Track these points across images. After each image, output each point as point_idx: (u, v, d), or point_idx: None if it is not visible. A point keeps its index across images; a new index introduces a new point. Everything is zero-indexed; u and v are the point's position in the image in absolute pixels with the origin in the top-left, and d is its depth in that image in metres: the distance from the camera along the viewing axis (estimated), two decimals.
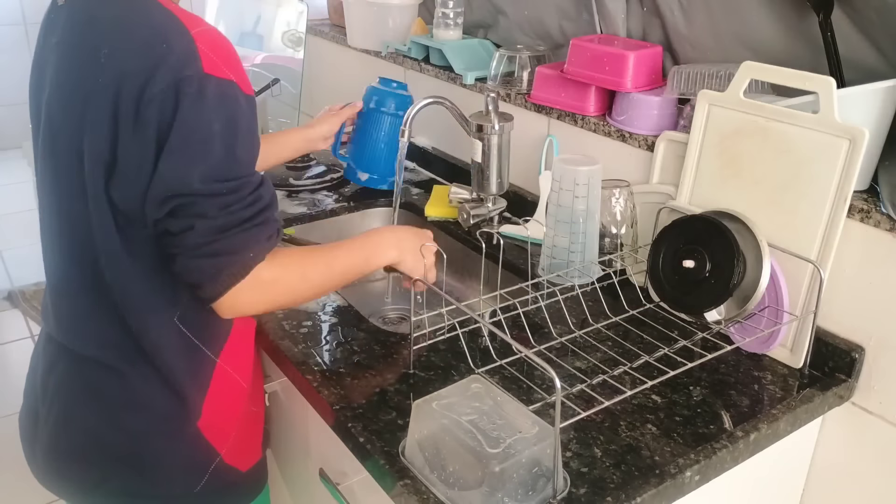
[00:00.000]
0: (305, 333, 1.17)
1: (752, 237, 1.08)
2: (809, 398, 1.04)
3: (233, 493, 1.13)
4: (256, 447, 1.16)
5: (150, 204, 0.87)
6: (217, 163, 0.87)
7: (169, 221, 0.88)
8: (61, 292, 1.02)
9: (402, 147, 1.34)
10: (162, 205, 0.86)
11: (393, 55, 1.89)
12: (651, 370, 1.03)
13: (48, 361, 1.05)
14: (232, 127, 0.87)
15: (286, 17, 2.46)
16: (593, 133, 1.40)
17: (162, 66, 0.84)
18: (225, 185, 0.87)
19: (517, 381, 1.05)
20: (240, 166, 0.89)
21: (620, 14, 1.40)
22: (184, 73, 0.84)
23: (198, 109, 0.85)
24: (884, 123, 1.05)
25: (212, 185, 0.86)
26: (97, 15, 0.92)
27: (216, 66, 0.86)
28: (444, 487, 0.84)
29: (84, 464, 1.03)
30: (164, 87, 0.84)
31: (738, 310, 1.11)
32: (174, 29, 0.87)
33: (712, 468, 0.93)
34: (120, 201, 0.90)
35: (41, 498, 1.95)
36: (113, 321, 0.97)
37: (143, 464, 1.02)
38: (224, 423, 1.07)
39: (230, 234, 0.88)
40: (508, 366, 1.06)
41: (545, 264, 1.30)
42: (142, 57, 0.86)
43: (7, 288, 3.10)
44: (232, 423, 1.08)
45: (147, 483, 1.03)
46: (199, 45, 0.86)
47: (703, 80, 1.21)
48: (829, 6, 1.06)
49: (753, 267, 1.08)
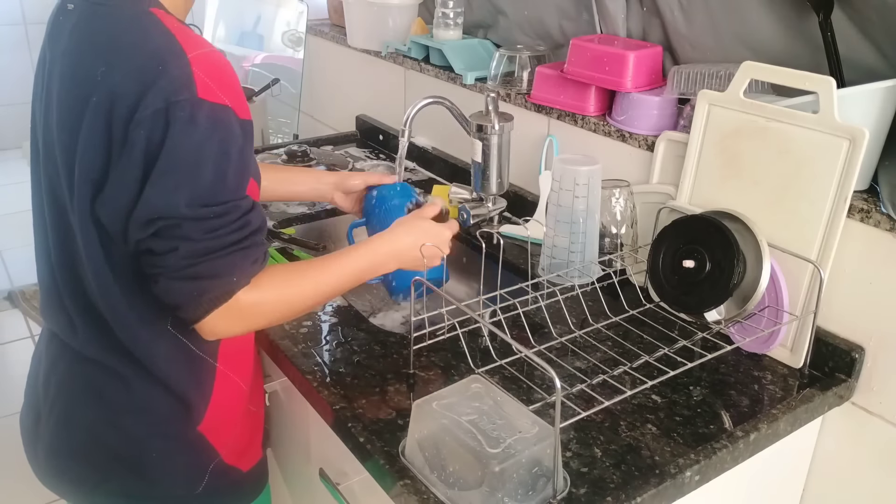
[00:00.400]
0: (305, 333, 1.17)
1: (752, 237, 1.08)
2: (809, 398, 1.04)
3: (234, 494, 1.13)
4: (257, 447, 1.16)
5: (133, 224, 0.86)
6: (205, 187, 0.85)
7: (153, 241, 0.87)
8: (55, 296, 1.02)
9: (402, 147, 1.34)
10: (146, 226, 0.86)
11: (393, 55, 1.89)
12: (651, 370, 1.03)
13: (50, 360, 1.05)
14: (223, 152, 0.86)
15: (286, 17, 2.46)
16: (593, 133, 1.40)
17: (153, 89, 0.84)
18: (212, 209, 0.86)
19: (517, 381, 1.05)
20: (229, 191, 0.87)
21: (620, 14, 1.40)
22: (176, 98, 0.84)
23: (188, 133, 0.84)
24: (884, 123, 1.05)
25: (198, 210, 0.85)
26: (99, 30, 0.91)
27: (211, 90, 0.85)
28: (444, 487, 0.84)
29: (85, 464, 1.03)
30: (155, 111, 0.84)
31: (738, 310, 1.11)
32: (171, 52, 0.86)
33: (712, 468, 0.93)
34: (105, 219, 0.90)
35: (42, 498, 1.95)
36: (105, 329, 0.97)
37: (144, 465, 1.02)
38: (225, 424, 1.07)
39: (214, 258, 0.87)
40: (508, 366, 1.06)
41: (545, 264, 1.30)
42: (135, 79, 0.86)
43: (7, 288, 3.09)
44: (233, 424, 1.08)
45: (148, 484, 1.03)
46: (194, 70, 0.85)
47: (703, 80, 1.21)
48: (829, 6, 1.06)
49: (753, 267, 1.08)
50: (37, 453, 1.08)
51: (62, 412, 1.03)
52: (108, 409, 1.00)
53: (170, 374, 0.98)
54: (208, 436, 1.04)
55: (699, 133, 1.18)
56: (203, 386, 1.02)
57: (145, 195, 0.85)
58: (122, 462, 1.02)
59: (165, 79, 0.85)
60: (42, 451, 1.06)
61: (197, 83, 0.85)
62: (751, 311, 1.10)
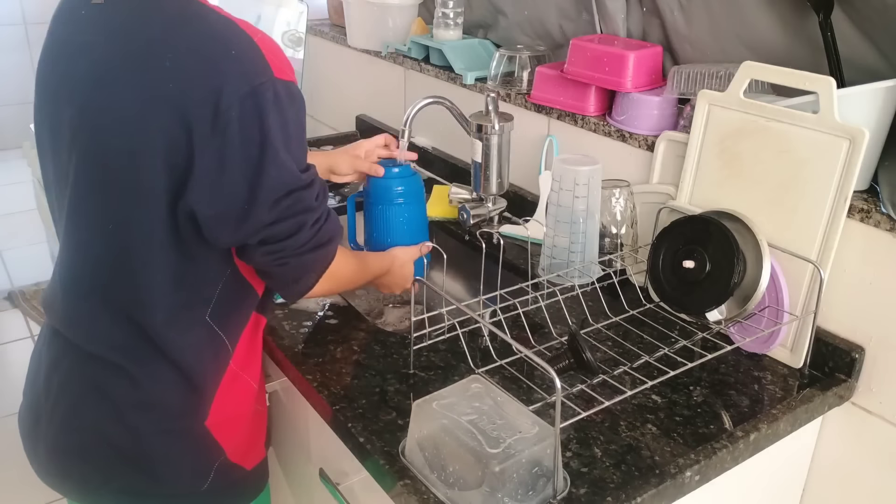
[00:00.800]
0: (305, 333, 1.17)
1: (752, 237, 1.08)
2: (809, 398, 1.04)
3: (237, 492, 1.13)
4: (261, 446, 1.16)
5: (260, 207, 0.90)
6: (301, 157, 0.94)
7: (275, 228, 0.92)
8: (71, 291, 1.02)
9: (403, 147, 1.34)
10: (273, 206, 0.91)
11: (393, 55, 1.89)
12: (651, 370, 1.03)
13: (52, 358, 1.05)
14: (300, 122, 0.94)
15: (286, 17, 2.46)
16: (593, 133, 1.40)
17: (235, 74, 0.87)
18: (307, 174, 0.94)
19: (517, 381, 1.05)
20: (307, 157, 0.97)
21: (620, 14, 1.40)
22: (260, 80, 0.88)
23: (279, 111, 0.89)
24: (884, 123, 1.05)
25: (304, 177, 0.93)
26: (151, 20, 0.91)
27: (281, 69, 0.91)
28: (444, 487, 0.84)
29: (90, 463, 1.03)
30: (243, 95, 0.87)
31: (738, 310, 1.11)
32: (239, 35, 0.90)
33: (712, 468, 0.93)
34: (197, 206, 0.90)
35: (43, 497, 1.95)
36: (122, 322, 0.97)
37: (149, 462, 1.02)
38: (232, 421, 1.07)
39: (327, 222, 0.97)
40: (508, 366, 1.06)
41: (545, 264, 1.30)
42: (212, 63, 0.87)
43: (7, 288, 3.09)
44: (239, 421, 1.08)
45: (153, 481, 1.03)
46: (264, 51, 0.90)
47: (703, 80, 1.21)
48: (830, 6, 1.06)
49: (753, 267, 1.08)
50: (38, 453, 1.07)
51: (66, 411, 1.02)
52: (112, 406, 1.00)
53: (191, 363, 1.00)
54: (214, 432, 1.04)
55: (699, 133, 1.18)
56: (215, 375, 1.03)
57: (268, 175, 0.89)
58: (126, 460, 1.02)
59: (243, 62, 0.88)
60: (44, 450, 1.06)
61: (271, 64, 0.89)
62: (751, 311, 1.10)
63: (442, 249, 1.31)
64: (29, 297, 2.95)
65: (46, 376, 1.05)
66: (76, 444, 1.03)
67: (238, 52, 0.88)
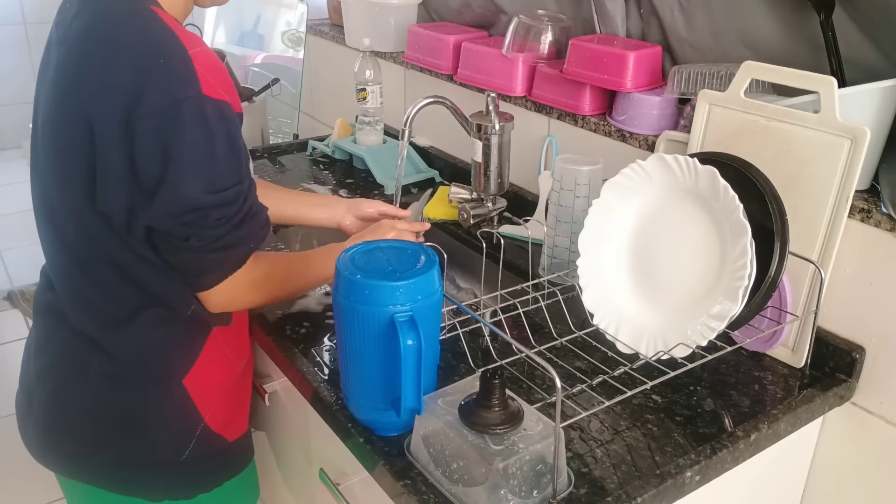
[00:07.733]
0: (305, 333, 1.17)
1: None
2: (810, 398, 1.04)
3: (219, 463, 1.15)
4: (244, 419, 1.19)
5: (159, 217, 0.91)
6: (222, 175, 0.93)
7: (178, 230, 0.93)
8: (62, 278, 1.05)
9: (403, 147, 1.34)
10: (176, 218, 0.91)
11: (393, 55, 1.89)
12: (651, 370, 1.03)
13: (39, 344, 1.11)
14: (229, 143, 0.93)
15: (286, 16, 2.46)
16: (593, 133, 1.40)
17: (158, 83, 0.87)
18: (230, 191, 0.94)
19: (517, 381, 1.05)
20: (238, 174, 0.95)
21: (619, 14, 1.40)
22: (184, 95, 0.88)
23: (200, 128, 0.89)
24: (885, 123, 1.05)
25: (220, 195, 0.93)
26: (97, 23, 0.92)
27: (212, 87, 0.90)
28: (449, 483, 0.84)
29: (76, 435, 1.06)
30: (163, 106, 0.87)
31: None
32: (172, 47, 0.90)
33: (712, 468, 0.93)
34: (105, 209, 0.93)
35: (42, 498, 1.95)
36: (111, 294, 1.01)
37: (132, 427, 1.05)
38: (210, 388, 1.09)
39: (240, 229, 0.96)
40: (509, 366, 1.06)
41: (545, 264, 1.30)
42: (136, 70, 0.88)
43: (7, 288, 3.09)
44: (219, 389, 1.11)
45: (136, 447, 1.06)
46: (197, 67, 0.89)
47: (703, 80, 1.21)
48: (831, 6, 1.06)
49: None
50: (28, 431, 1.11)
51: (52, 388, 1.06)
52: (93, 380, 1.03)
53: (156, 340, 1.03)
54: (192, 392, 1.06)
55: (700, 133, 1.18)
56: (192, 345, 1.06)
57: (170, 188, 0.89)
58: (110, 429, 1.05)
59: (170, 74, 0.88)
60: (33, 427, 1.09)
61: (201, 80, 0.89)
62: None
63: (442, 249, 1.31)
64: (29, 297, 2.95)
65: (35, 360, 1.10)
66: (63, 417, 1.06)
67: (167, 61, 0.88)
